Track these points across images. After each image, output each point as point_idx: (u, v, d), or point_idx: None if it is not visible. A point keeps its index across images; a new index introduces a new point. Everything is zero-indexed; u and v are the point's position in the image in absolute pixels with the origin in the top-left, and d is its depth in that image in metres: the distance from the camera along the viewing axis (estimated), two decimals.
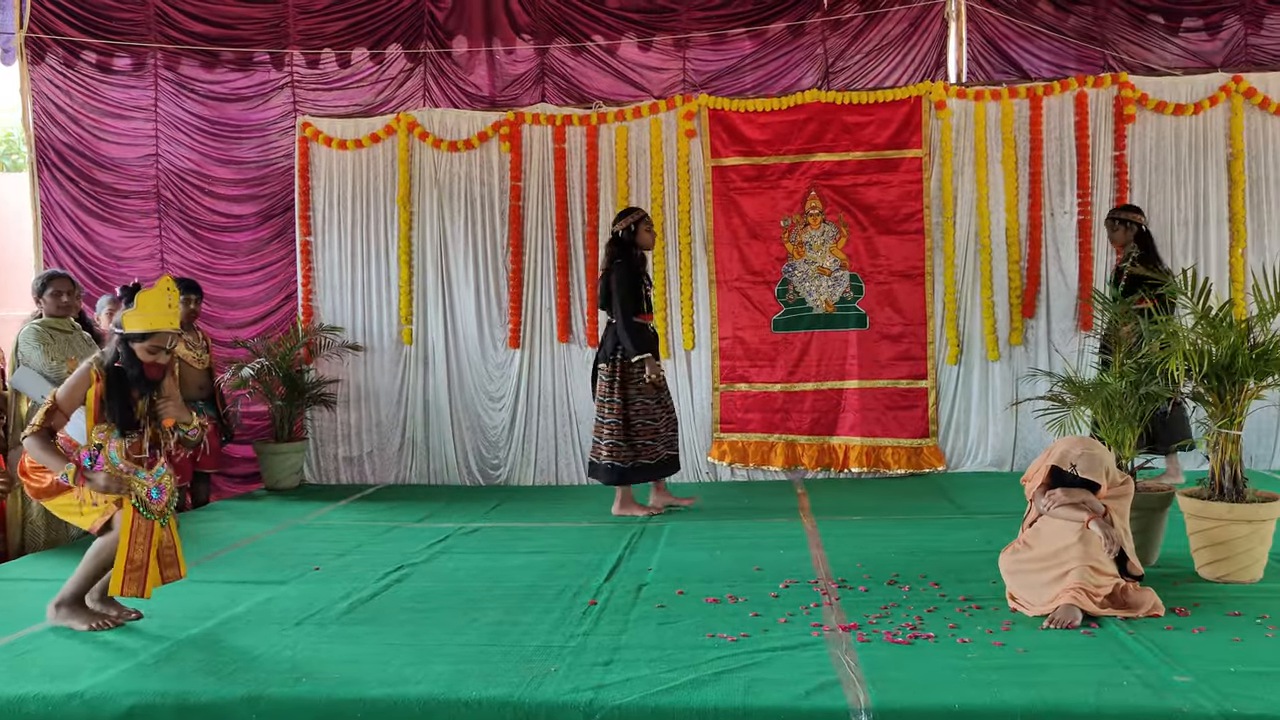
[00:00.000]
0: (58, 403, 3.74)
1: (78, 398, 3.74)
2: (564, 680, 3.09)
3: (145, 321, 3.78)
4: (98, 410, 3.75)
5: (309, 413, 7.66)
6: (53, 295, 5.68)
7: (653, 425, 5.98)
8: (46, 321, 5.68)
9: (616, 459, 5.91)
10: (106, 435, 3.75)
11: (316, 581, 4.53)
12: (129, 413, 3.78)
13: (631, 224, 5.96)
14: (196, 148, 7.80)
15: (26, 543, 5.61)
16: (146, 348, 3.79)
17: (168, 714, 3.04)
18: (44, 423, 3.72)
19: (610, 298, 5.92)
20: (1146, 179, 7.16)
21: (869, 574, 4.38)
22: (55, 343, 5.63)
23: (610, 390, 5.94)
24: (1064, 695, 2.87)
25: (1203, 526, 4.18)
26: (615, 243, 6.00)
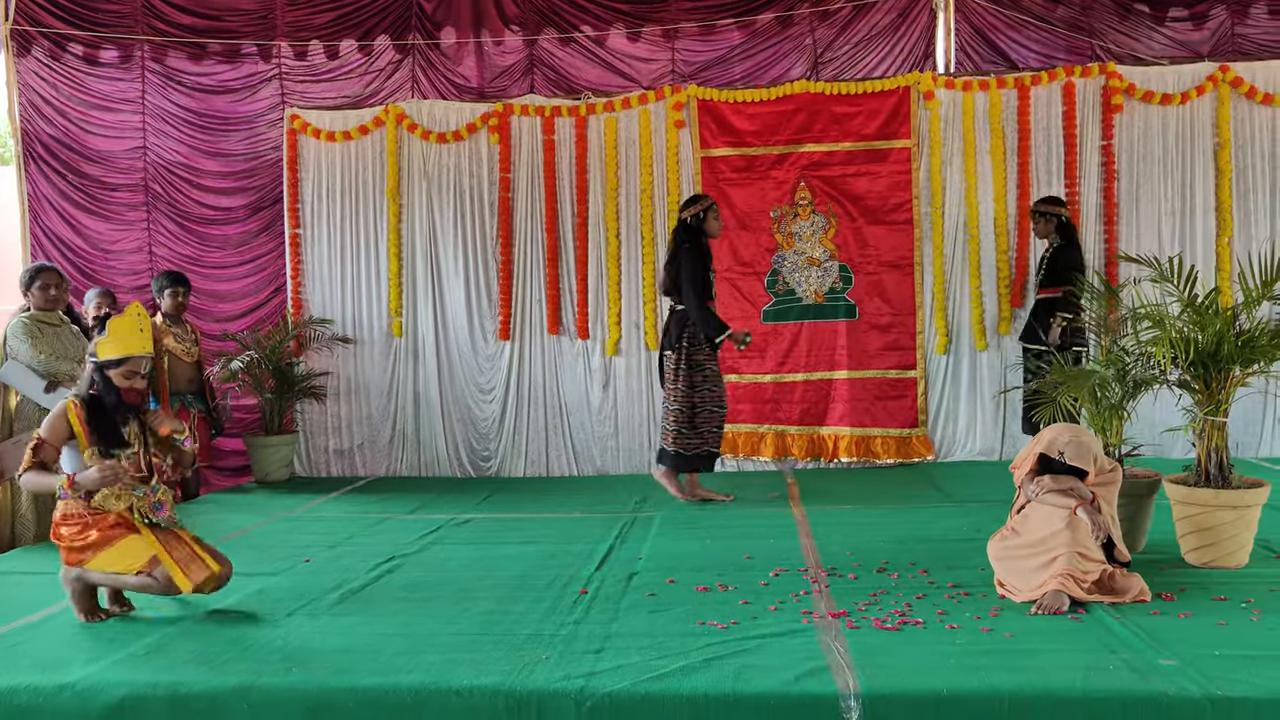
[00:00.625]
0: (43, 438, 3.76)
1: (61, 428, 3.76)
2: (555, 668, 3.10)
3: (118, 347, 3.79)
4: (86, 436, 3.76)
5: (299, 405, 7.65)
6: (40, 288, 5.66)
7: (718, 413, 6.01)
8: (35, 315, 5.66)
9: (681, 446, 5.94)
10: (96, 457, 3.76)
11: (307, 573, 4.53)
12: (115, 433, 3.81)
13: (700, 211, 5.97)
14: (184, 140, 7.77)
15: (17, 537, 5.59)
16: (122, 373, 3.80)
17: (159, 705, 3.04)
18: (33, 459, 3.75)
19: (677, 285, 5.92)
20: (1134, 168, 7.20)
21: (858, 562, 4.40)
22: (44, 336, 5.61)
23: (675, 378, 5.96)
24: (1051, 679, 2.89)
25: (1189, 513, 4.21)
26: (683, 229, 5.99)
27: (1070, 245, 6.63)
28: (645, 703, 2.88)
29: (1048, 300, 6.65)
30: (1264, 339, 4.12)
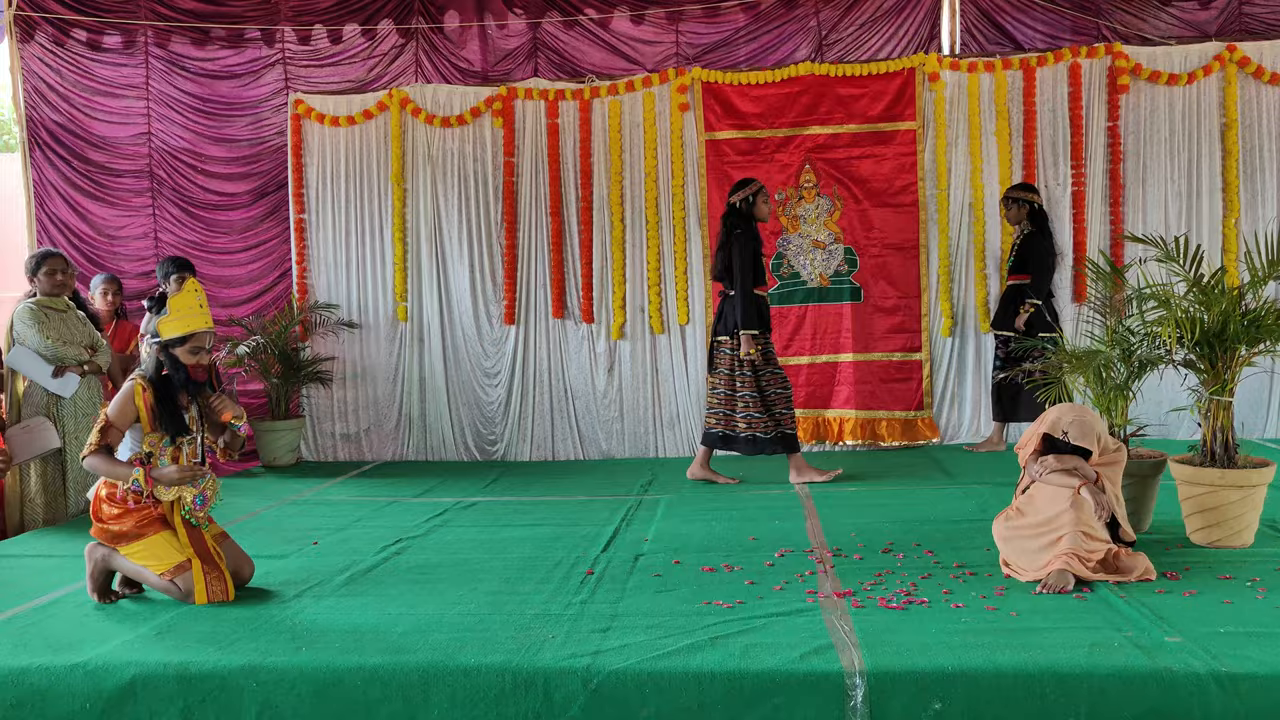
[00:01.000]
0: (110, 420, 3.74)
1: (129, 412, 3.75)
2: (562, 647, 3.12)
3: (182, 324, 3.79)
4: (150, 420, 3.75)
5: (305, 390, 7.67)
6: (47, 274, 5.68)
7: (785, 394, 6.01)
8: (41, 300, 5.68)
9: (758, 430, 5.95)
10: (157, 444, 3.76)
11: (315, 555, 4.56)
12: (180, 419, 3.80)
13: (750, 195, 5.97)
14: (189, 126, 7.77)
15: (26, 521, 5.63)
16: (187, 350, 3.80)
17: (169, 684, 3.07)
18: (100, 440, 3.73)
19: (729, 269, 5.93)
20: (1140, 149, 7.17)
21: (863, 542, 4.42)
22: (50, 322, 5.64)
23: (737, 364, 5.95)
24: (1056, 657, 2.90)
25: (1195, 493, 4.22)
26: (733, 214, 6.00)
27: (1042, 233, 6.65)
28: (651, 680, 2.90)
29: (1017, 286, 6.68)
30: (1270, 319, 4.12)
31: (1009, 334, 6.65)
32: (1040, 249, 6.59)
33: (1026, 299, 6.55)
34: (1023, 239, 6.68)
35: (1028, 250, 6.62)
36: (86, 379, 5.77)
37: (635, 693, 2.89)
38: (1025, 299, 6.57)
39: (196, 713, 3.03)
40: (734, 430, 6.04)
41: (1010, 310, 6.71)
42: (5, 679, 3.10)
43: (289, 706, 3.01)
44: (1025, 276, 6.60)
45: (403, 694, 2.97)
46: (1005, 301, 6.81)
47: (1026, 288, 6.59)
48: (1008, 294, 6.79)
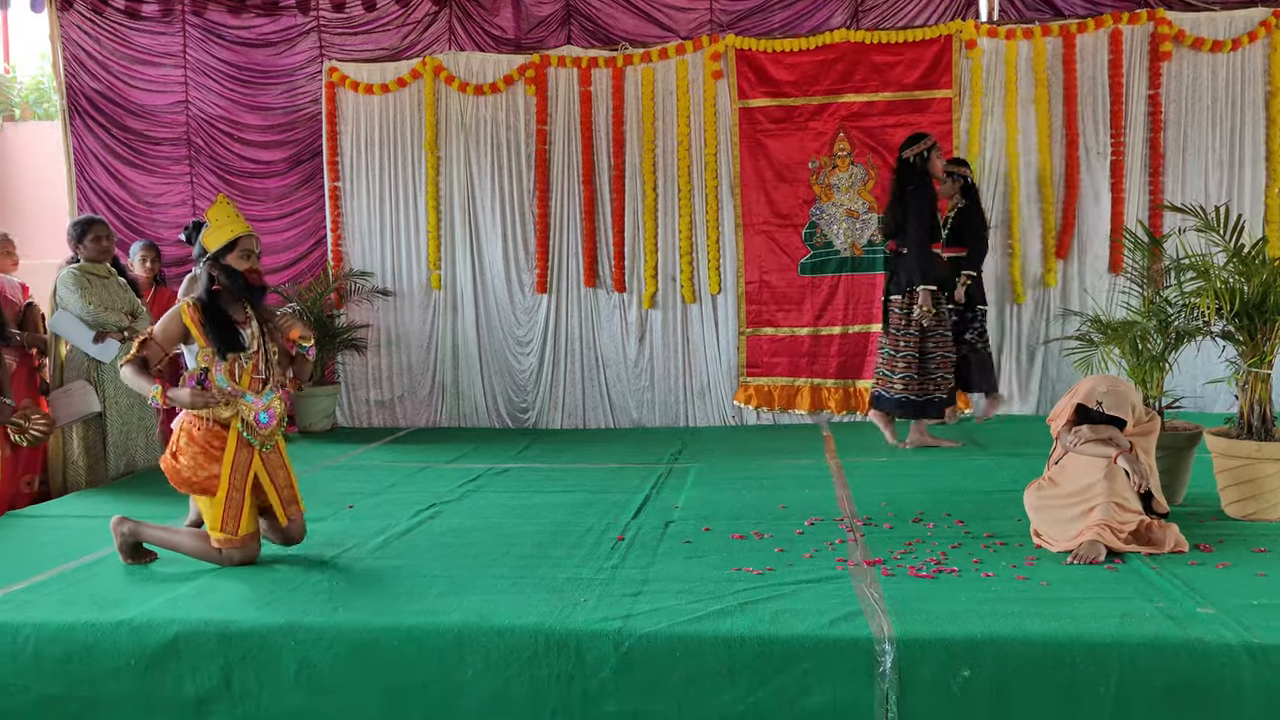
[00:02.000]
0: (152, 334, 3.76)
1: (173, 329, 3.75)
2: (594, 610, 3.16)
3: (225, 231, 3.80)
4: (202, 335, 3.76)
5: (340, 357, 7.76)
6: (93, 240, 5.78)
7: (950, 358, 6.00)
8: (84, 266, 5.77)
9: (910, 392, 5.94)
10: (212, 359, 3.78)
11: (351, 519, 4.63)
12: (231, 334, 3.79)
13: (924, 150, 5.92)
14: (225, 94, 7.82)
15: (69, 483, 5.75)
16: (238, 255, 3.81)
17: (210, 641, 3.14)
18: (137, 352, 3.74)
19: (901, 227, 5.88)
20: (1181, 118, 7.05)
21: (893, 512, 4.43)
22: (92, 287, 5.73)
23: (905, 323, 5.93)
24: (1086, 627, 2.90)
25: (1230, 465, 4.18)
26: (906, 169, 5.95)
27: (974, 206, 6.57)
28: (682, 644, 2.94)
29: (953, 260, 6.59)
30: None
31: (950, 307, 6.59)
32: (976, 222, 6.52)
33: (963, 271, 6.49)
34: (957, 213, 6.57)
35: (963, 224, 6.52)
36: (126, 345, 5.87)
37: (666, 656, 2.93)
38: (962, 271, 6.49)
39: (237, 670, 3.11)
40: (889, 391, 6.00)
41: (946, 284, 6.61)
42: (54, 634, 3.19)
43: (326, 665, 3.08)
44: (961, 250, 6.54)
45: (438, 654, 3.03)
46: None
47: (962, 261, 6.52)
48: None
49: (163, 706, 3.13)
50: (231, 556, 3.78)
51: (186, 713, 3.12)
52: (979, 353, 6.50)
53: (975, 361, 6.50)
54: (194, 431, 3.76)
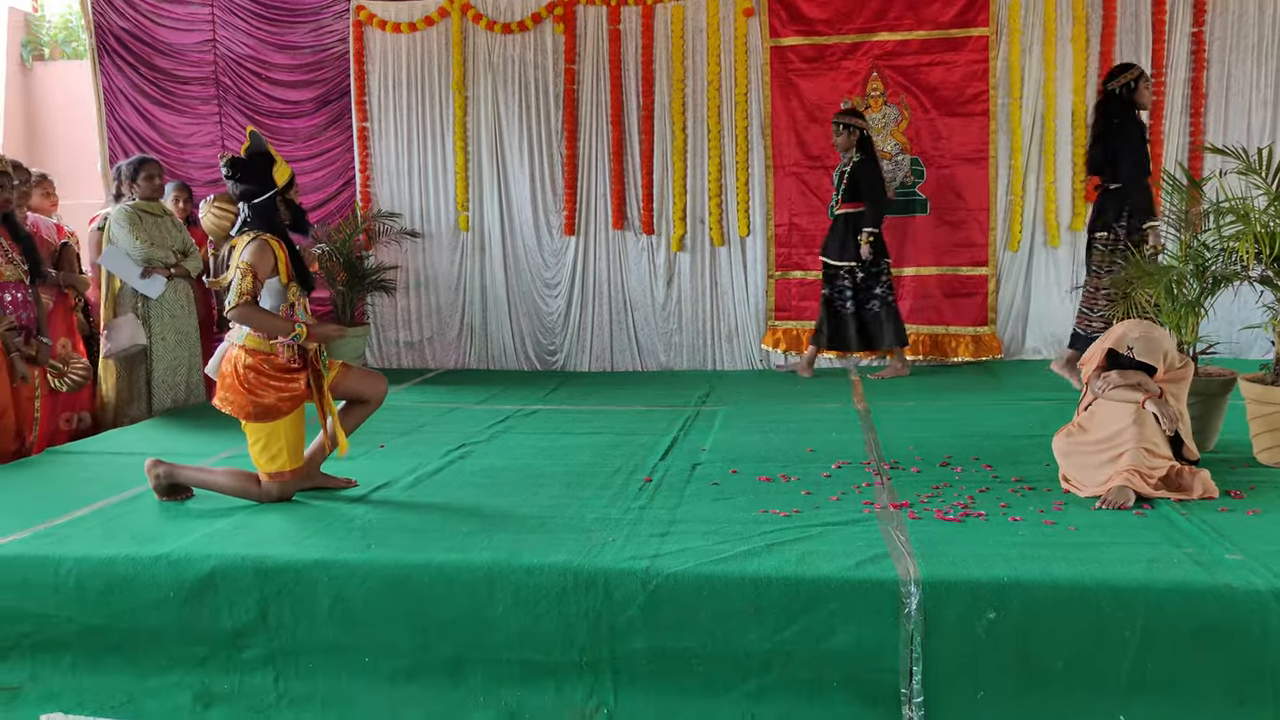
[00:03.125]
0: (255, 269, 3.67)
1: (269, 262, 3.73)
2: (622, 549, 3.20)
3: (285, 167, 3.84)
4: (289, 271, 3.78)
5: (369, 298, 7.80)
6: (146, 178, 5.89)
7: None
8: (138, 205, 5.89)
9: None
10: (297, 295, 3.81)
11: (382, 458, 4.69)
12: (306, 270, 3.85)
13: (1131, 81, 5.75)
14: (252, 33, 7.78)
15: (118, 418, 5.86)
16: (295, 190, 3.87)
17: (247, 575, 3.21)
18: (251, 290, 3.67)
19: (1110, 160, 5.71)
20: (1225, 56, 6.88)
21: (921, 456, 4.43)
22: (143, 224, 5.85)
23: (1109, 261, 5.73)
24: (1113, 571, 2.90)
25: (1264, 412, 4.14)
26: (1111, 101, 5.78)
27: (870, 159, 6.47)
28: (709, 583, 2.97)
29: (852, 216, 6.54)
30: None
31: (851, 264, 6.51)
32: (873, 176, 6.43)
33: (864, 229, 6.42)
34: (853, 166, 6.49)
35: (860, 178, 6.44)
36: (174, 282, 5.96)
37: (693, 595, 2.96)
38: (863, 229, 6.44)
39: (273, 603, 3.18)
40: (1087, 329, 5.85)
41: (847, 241, 6.57)
42: (97, 567, 3.27)
43: (360, 600, 3.14)
44: (859, 205, 6.45)
45: (468, 590, 3.08)
46: (839, 232, 6.64)
47: (862, 217, 6.47)
48: (841, 224, 6.62)
49: (201, 638, 3.21)
50: (273, 492, 3.84)
51: (224, 644, 3.20)
52: (890, 307, 6.52)
53: (886, 317, 6.55)
54: (264, 367, 3.75)
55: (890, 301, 6.62)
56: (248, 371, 3.76)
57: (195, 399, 6.13)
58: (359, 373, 4.07)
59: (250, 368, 3.76)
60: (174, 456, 4.25)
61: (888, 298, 6.60)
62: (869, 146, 6.56)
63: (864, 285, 6.58)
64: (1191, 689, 2.75)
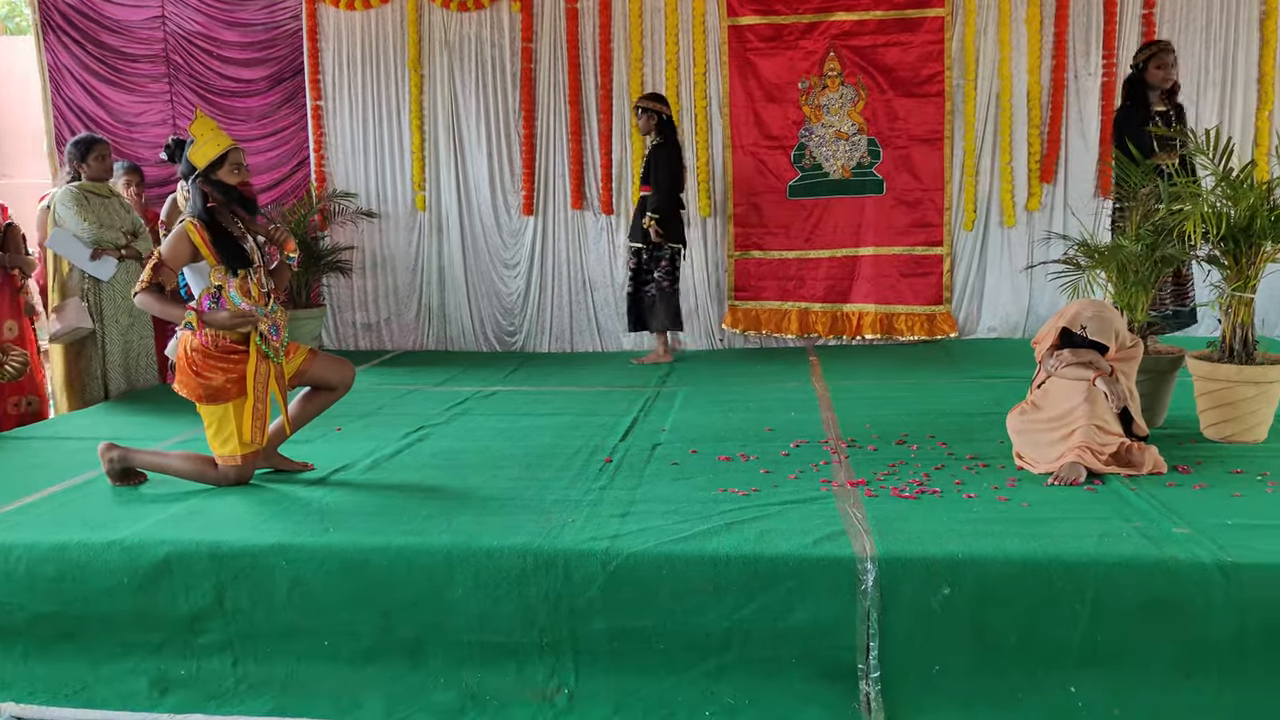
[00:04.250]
0: (162, 257, 3.69)
1: (182, 250, 3.69)
2: (582, 530, 3.21)
3: (214, 144, 3.75)
4: (213, 253, 3.72)
5: (325, 279, 7.72)
6: (97, 159, 5.76)
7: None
8: (84, 185, 5.75)
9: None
10: (224, 276, 3.75)
11: (339, 440, 4.66)
12: (240, 250, 3.78)
13: (1141, 61, 5.68)
14: (203, 9, 7.63)
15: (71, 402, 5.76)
16: (229, 169, 3.77)
17: (202, 561, 3.18)
18: (152, 277, 3.67)
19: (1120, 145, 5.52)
20: (1175, 38, 6.95)
21: (878, 434, 4.47)
22: (90, 205, 5.71)
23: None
24: (1065, 546, 2.96)
25: (1211, 388, 4.23)
26: (1129, 82, 5.72)
27: (669, 144, 6.53)
28: (668, 562, 2.99)
29: (646, 198, 6.62)
30: None
31: (640, 245, 6.63)
32: (667, 160, 6.50)
33: (649, 212, 6.52)
34: (651, 150, 6.58)
35: (655, 162, 6.52)
36: (125, 264, 5.85)
37: (653, 574, 2.98)
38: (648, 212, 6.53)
39: (230, 588, 3.15)
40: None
41: (639, 223, 6.67)
42: (46, 554, 3.22)
43: (318, 583, 3.12)
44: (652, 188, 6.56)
45: (427, 573, 3.08)
46: (637, 213, 6.74)
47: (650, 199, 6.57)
48: (639, 205, 6.72)
49: (156, 624, 3.18)
50: (229, 475, 3.82)
51: (180, 629, 3.17)
52: (664, 292, 6.59)
53: (660, 301, 6.60)
54: (209, 349, 3.74)
55: (666, 288, 6.64)
56: (194, 354, 3.74)
57: (149, 381, 6.05)
58: (326, 359, 4.04)
59: (196, 350, 3.74)
60: (129, 441, 4.19)
61: (663, 283, 6.64)
62: (669, 131, 6.59)
63: (645, 267, 6.65)
64: (1139, 661, 2.82)
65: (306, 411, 4.08)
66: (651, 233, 6.50)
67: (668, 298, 6.66)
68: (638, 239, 6.64)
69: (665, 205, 6.52)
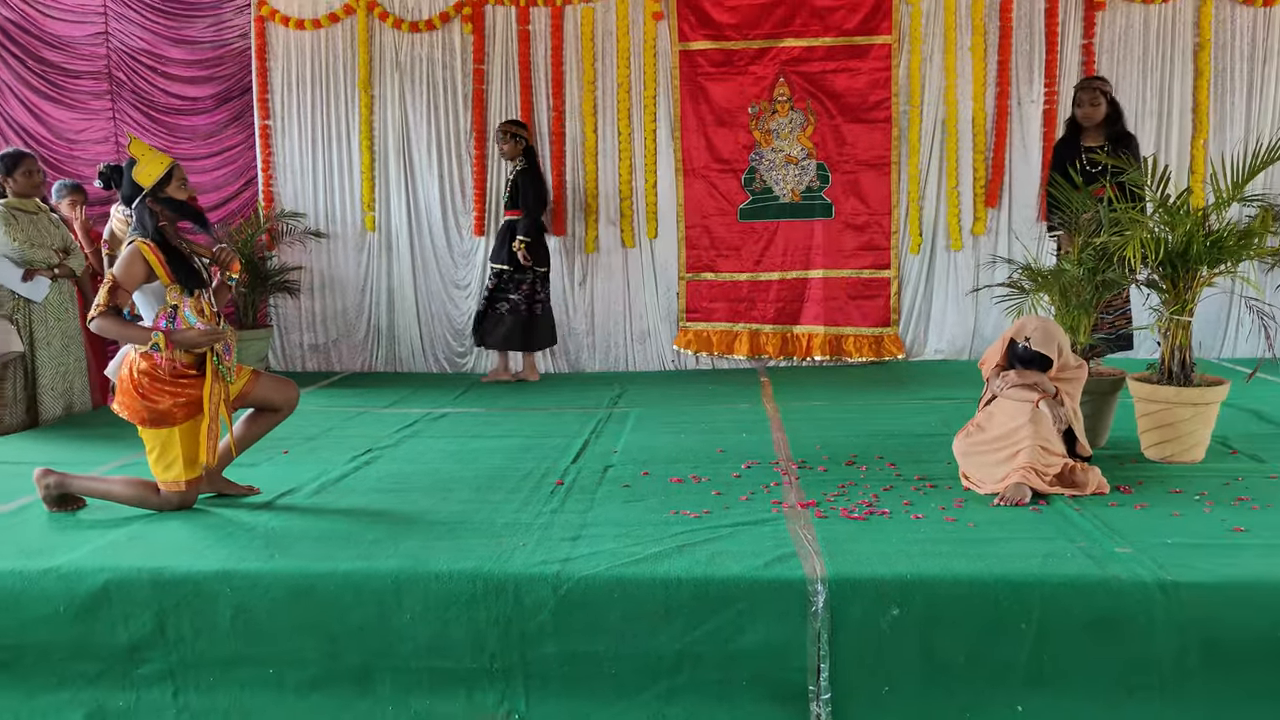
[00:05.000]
0: (117, 279, 3.61)
1: (137, 271, 3.63)
2: (532, 554, 3.18)
3: (155, 164, 3.71)
4: (168, 273, 3.65)
5: (272, 300, 7.62)
6: (24, 174, 5.60)
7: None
8: (10, 202, 5.60)
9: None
10: (179, 296, 3.68)
11: (286, 464, 4.59)
12: (192, 268, 3.72)
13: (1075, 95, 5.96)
14: (148, 26, 7.53)
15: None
16: (175, 186, 3.73)
17: (143, 588, 3.10)
18: (109, 301, 3.59)
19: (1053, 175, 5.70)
20: (1114, 68, 7.14)
21: (828, 455, 4.50)
22: (19, 224, 5.57)
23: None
24: (1011, 566, 3.00)
25: (1151, 409, 4.32)
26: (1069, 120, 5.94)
27: (532, 169, 6.71)
28: (620, 586, 2.98)
29: (512, 222, 6.82)
30: (1231, 240, 4.18)
31: (505, 268, 6.79)
32: (533, 185, 6.69)
33: (518, 236, 6.70)
34: (516, 175, 6.76)
35: (522, 186, 6.72)
36: (58, 283, 5.71)
37: (604, 598, 2.97)
38: (516, 236, 6.71)
39: (171, 616, 3.08)
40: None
41: (504, 245, 6.86)
42: None
43: (263, 610, 3.06)
44: (519, 212, 6.73)
45: (376, 598, 3.03)
46: (502, 236, 6.93)
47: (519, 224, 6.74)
48: (504, 229, 6.92)
49: (94, 653, 3.10)
50: (172, 500, 3.74)
51: (119, 659, 3.09)
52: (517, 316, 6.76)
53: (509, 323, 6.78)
54: (156, 370, 3.66)
55: (521, 311, 6.78)
56: (142, 376, 3.66)
57: (84, 405, 5.90)
58: (270, 379, 3.99)
59: (144, 372, 3.66)
60: (64, 466, 4.08)
61: (520, 306, 6.78)
62: (533, 156, 6.79)
63: (502, 287, 6.77)
64: (1084, 679, 2.86)
65: (250, 433, 4.01)
66: (520, 256, 6.62)
67: (519, 322, 6.79)
68: (502, 261, 6.80)
69: (534, 229, 6.70)
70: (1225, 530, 3.34)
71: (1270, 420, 5.02)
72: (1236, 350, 7.26)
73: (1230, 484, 3.92)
